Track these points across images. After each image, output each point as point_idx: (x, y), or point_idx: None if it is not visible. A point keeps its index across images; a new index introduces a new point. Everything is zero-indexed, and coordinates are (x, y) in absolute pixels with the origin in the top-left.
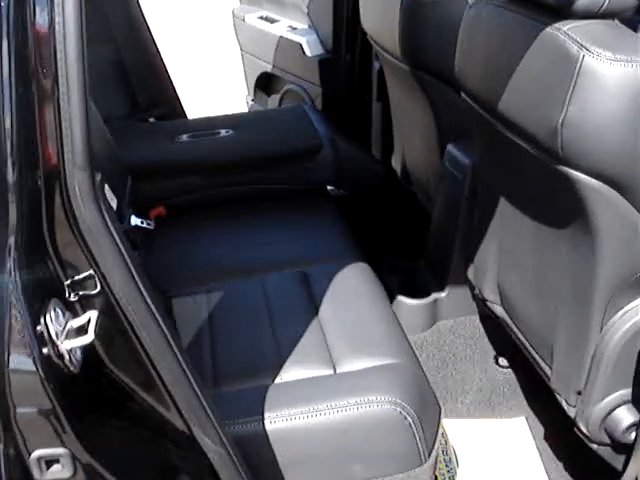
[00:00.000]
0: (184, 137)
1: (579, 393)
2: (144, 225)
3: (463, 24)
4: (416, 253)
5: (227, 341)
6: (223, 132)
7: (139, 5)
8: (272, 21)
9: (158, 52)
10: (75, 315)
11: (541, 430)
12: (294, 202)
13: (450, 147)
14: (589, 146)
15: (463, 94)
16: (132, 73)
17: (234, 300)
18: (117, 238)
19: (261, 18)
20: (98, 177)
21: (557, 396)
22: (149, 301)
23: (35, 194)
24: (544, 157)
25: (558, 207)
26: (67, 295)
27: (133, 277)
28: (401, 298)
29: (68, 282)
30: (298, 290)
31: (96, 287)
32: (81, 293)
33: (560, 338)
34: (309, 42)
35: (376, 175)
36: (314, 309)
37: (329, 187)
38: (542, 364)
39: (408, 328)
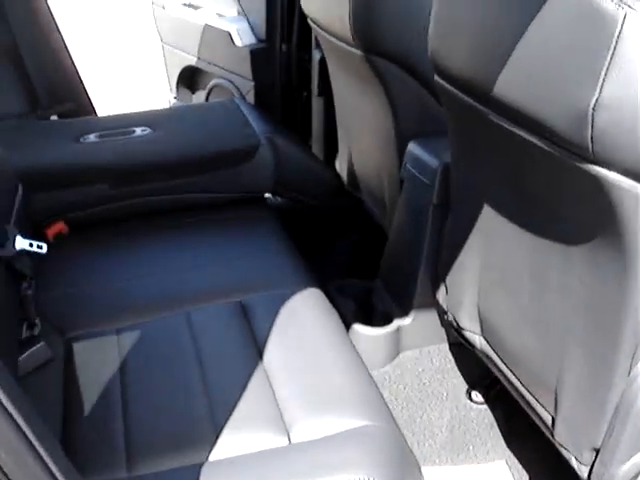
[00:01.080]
0: (91, 137)
1: (596, 450)
2: (33, 249)
3: None
4: (370, 271)
5: (144, 401)
6: (139, 131)
7: None
8: (196, 8)
9: (61, 37)
10: None
11: (524, 475)
12: (226, 214)
13: (412, 146)
14: (627, 137)
15: (438, 77)
16: (30, 61)
17: (153, 343)
18: None
19: (184, 5)
20: None
21: (563, 452)
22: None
23: None
24: (562, 153)
25: (574, 216)
26: None
27: None
28: (357, 327)
29: None
30: (235, 326)
31: None
32: None
33: (569, 380)
34: (239, 31)
35: (321, 180)
36: (257, 352)
37: (267, 195)
38: (539, 409)
39: (367, 362)
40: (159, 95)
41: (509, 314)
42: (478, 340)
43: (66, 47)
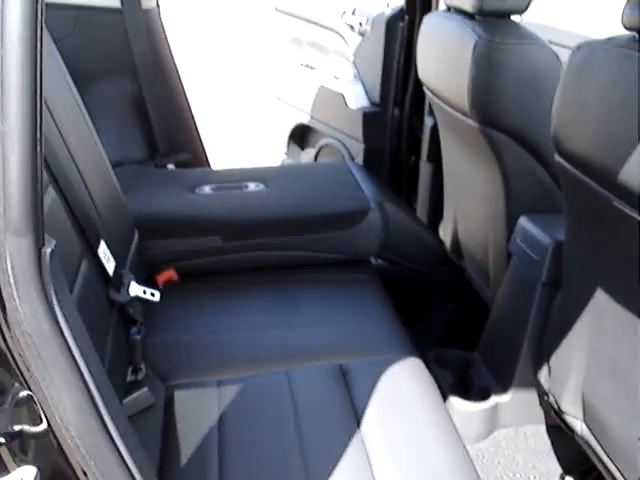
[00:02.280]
0: (206, 189)
1: None
2: (146, 296)
3: (566, 72)
4: (467, 341)
5: (240, 457)
6: (252, 186)
7: (166, 38)
8: (313, 69)
9: (184, 91)
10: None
11: None
12: (331, 274)
13: (524, 220)
14: None
15: (559, 157)
16: (153, 112)
17: (252, 398)
18: (75, 349)
19: (302, 65)
20: (49, 249)
21: None
22: (122, 449)
23: None
24: None
25: None
26: None
27: (97, 408)
28: (454, 400)
29: None
30: (334, 390)
31: (37, 423)
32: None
33: None
34: (353, 93)
35: (426, 246)
36: (354, 418)
37: (372, 258)
38: None
39: (461, 437)
40: (271, 151)
41: (618, 406)
42: (579, 426)
43: (186, 98)
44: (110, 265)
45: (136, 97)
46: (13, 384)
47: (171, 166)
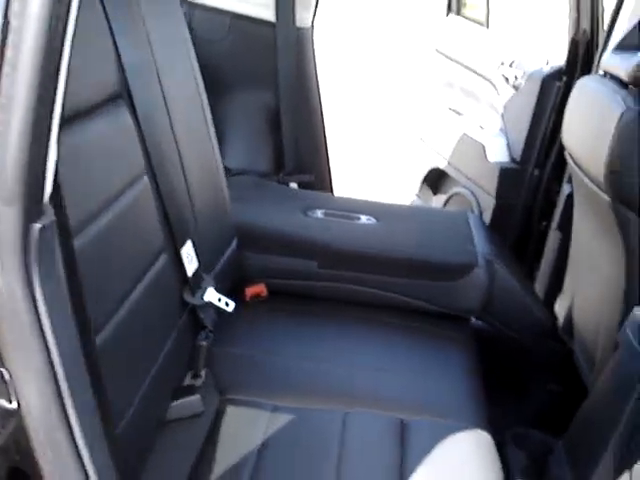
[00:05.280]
0: (318, 213)
1: None
2: (220, 304)
3: None
4: (558, 428)
5: None
6: (364, 219)
7: (314, 58)
8: (459, 114)
9: (321, 113)
10: None
11: None
12: (421, 324)
13: (638, 312)
14: None
15: None
16: (286, 128)
17: (301, 432)
18: (49, 333)
19: (449, 109)
20: (41, 224)
21: None
22: (81, 445)
23: None
24: None
25: None
26: None
27: (61, 397)
28: None
29: None
30: (388, 444)
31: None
32: None
33: None
34: (495, 146)
35: (532, 317)
36: (399, 476)
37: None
38: None
39: None
40: (400, 187)
41: None
42: None
43: (323, 120)
44: (191, 266)
45: (272, 111)
46: None
47: (293, 185)
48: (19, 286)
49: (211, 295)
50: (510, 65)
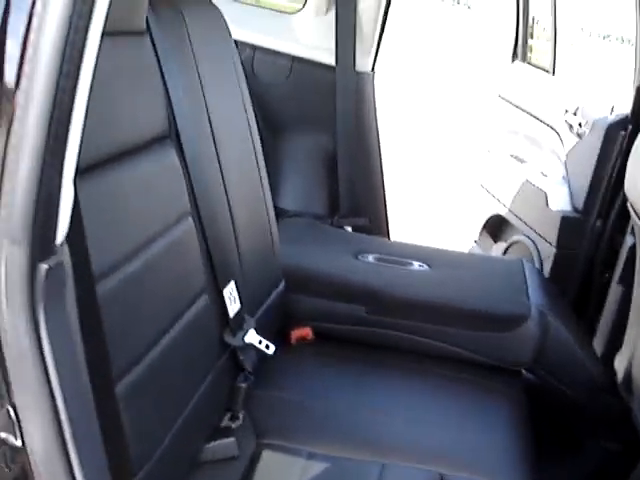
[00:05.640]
0: (370, 257)
1: None
2: (261, 347)
3: None
4: None
5: None
6: (416, 265)
7: (374, 102)
8: (521, 161)
9: (380, 158)
10: None
11: None
12: (468, 376)
13: None
14: None
15: None
16: (342, 172)
17: None
18: (53, 374)
19: (511, 156)
20: (48, 264)
21: None
22: None
23: None
24: None
25: None
26: None
27: (64, 441)
28: None
29: None
30: None
31: (15, 435)
32: None
33: None
34: (556, 194)
35: (587, 373)
36: None
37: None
38: None
39: None
40: (458, 233)
41: None
42: None
43: (381, 165)
44: (233, 307)
45: (329, 153)
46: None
47: (348, 228)
48: (24, 326)
49: (252, 337)
50: (574, 113)
